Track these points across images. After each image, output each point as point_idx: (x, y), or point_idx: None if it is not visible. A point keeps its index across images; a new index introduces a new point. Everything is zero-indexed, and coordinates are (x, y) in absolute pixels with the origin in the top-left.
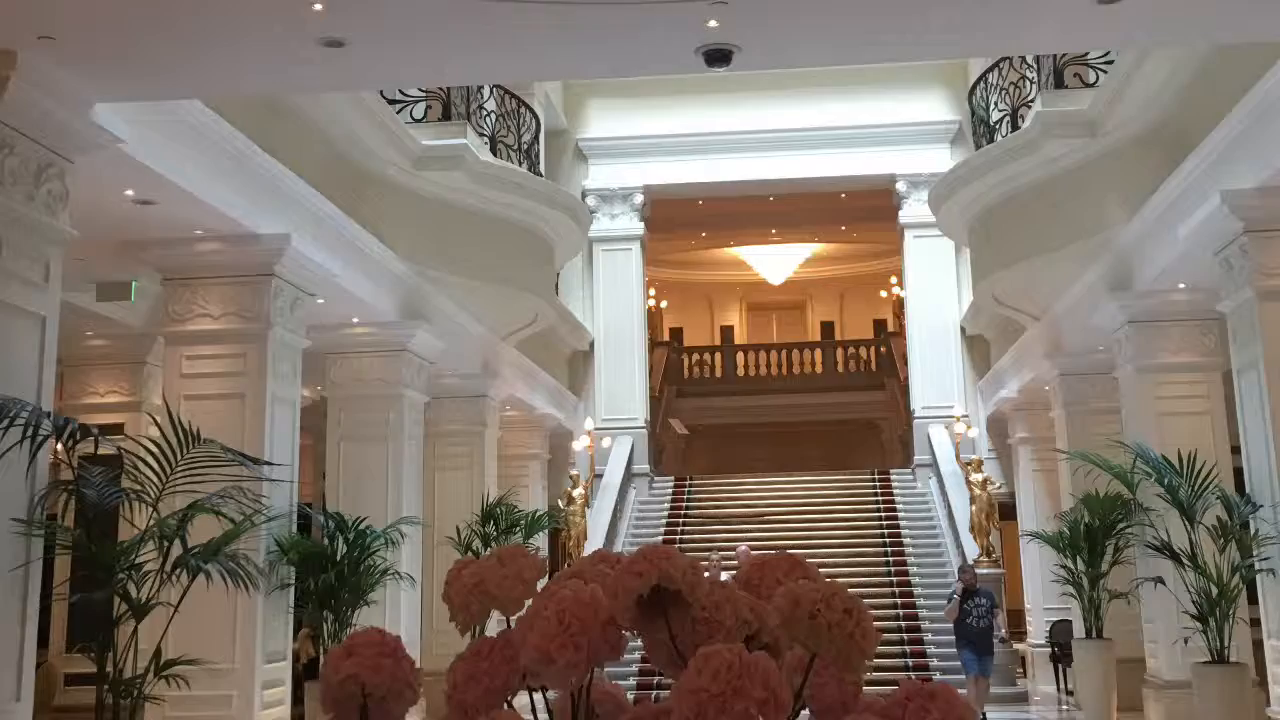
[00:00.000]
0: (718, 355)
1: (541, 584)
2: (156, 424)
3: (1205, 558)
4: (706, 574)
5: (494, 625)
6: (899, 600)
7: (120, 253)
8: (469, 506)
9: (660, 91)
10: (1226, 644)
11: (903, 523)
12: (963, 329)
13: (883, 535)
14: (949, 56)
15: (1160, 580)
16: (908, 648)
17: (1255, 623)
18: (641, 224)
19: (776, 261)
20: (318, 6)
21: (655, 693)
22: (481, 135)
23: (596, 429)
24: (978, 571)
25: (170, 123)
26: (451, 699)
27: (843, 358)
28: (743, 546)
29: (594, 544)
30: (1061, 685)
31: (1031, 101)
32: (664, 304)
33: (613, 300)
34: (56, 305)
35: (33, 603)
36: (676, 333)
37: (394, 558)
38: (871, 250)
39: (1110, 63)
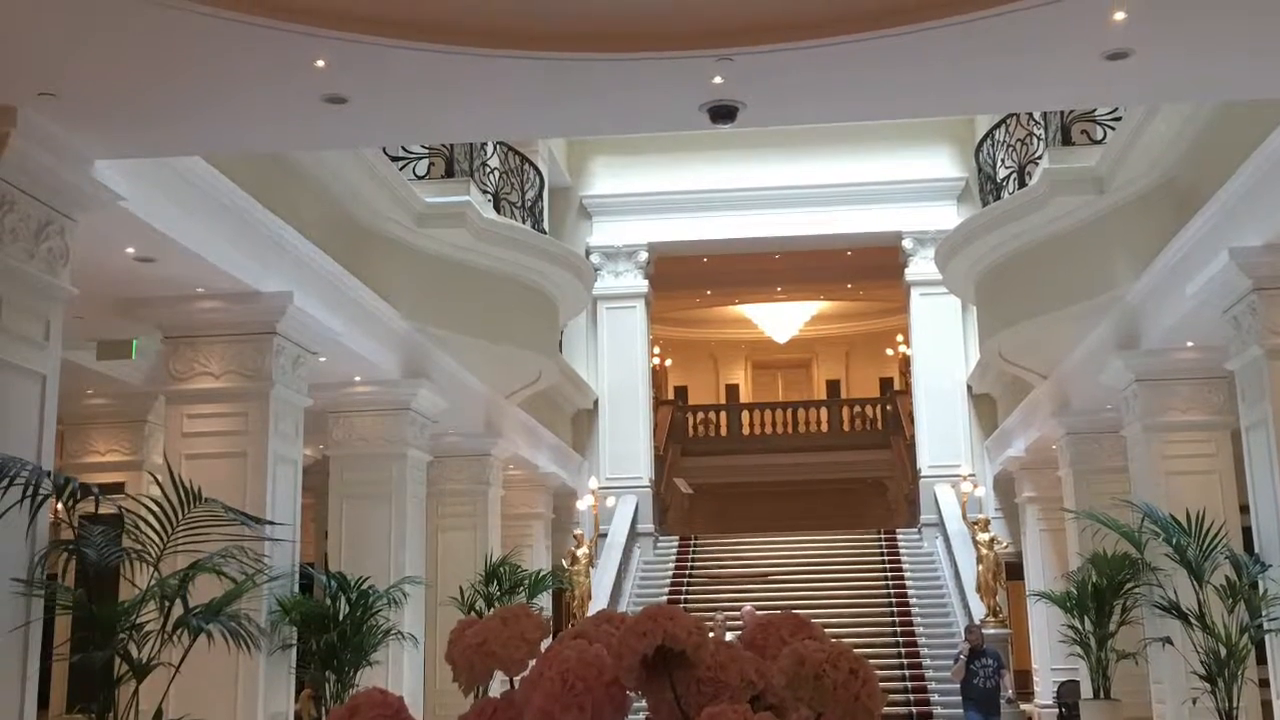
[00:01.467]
0: (722, 414)
1: (545, 644)
2: (158, 483)
3: (1213, 617)
4: (711, 634)
5: (497, 686)
6: (905, 660)
7: (121, 311)
8: (472, 566)
9: (664, 148)
10: (1235, 705)
11: (909, 582)
12: (969, 387)
13: (889, 595)
14: (955, 113)
15: (1168, 640)
16: (914, 709)
17: (1264, 683)
18: (646, 281)
19: (782, 319)
20: (320, 63)
21: None
22: (485, 192)
23: (600, 488)
24: (984, 631)
25: (171, 180)
26: None
27: (848, 416)
28: (748, 606)
29: (598, 604)
30: None
31: (1039, 158)
32: (668, 362)
33: (617, 358)
34: (57, 364)
35: (33, 663)
36: (681, 391)
37: (396, 618)
38: (877, 308)
39: (1118, 119)
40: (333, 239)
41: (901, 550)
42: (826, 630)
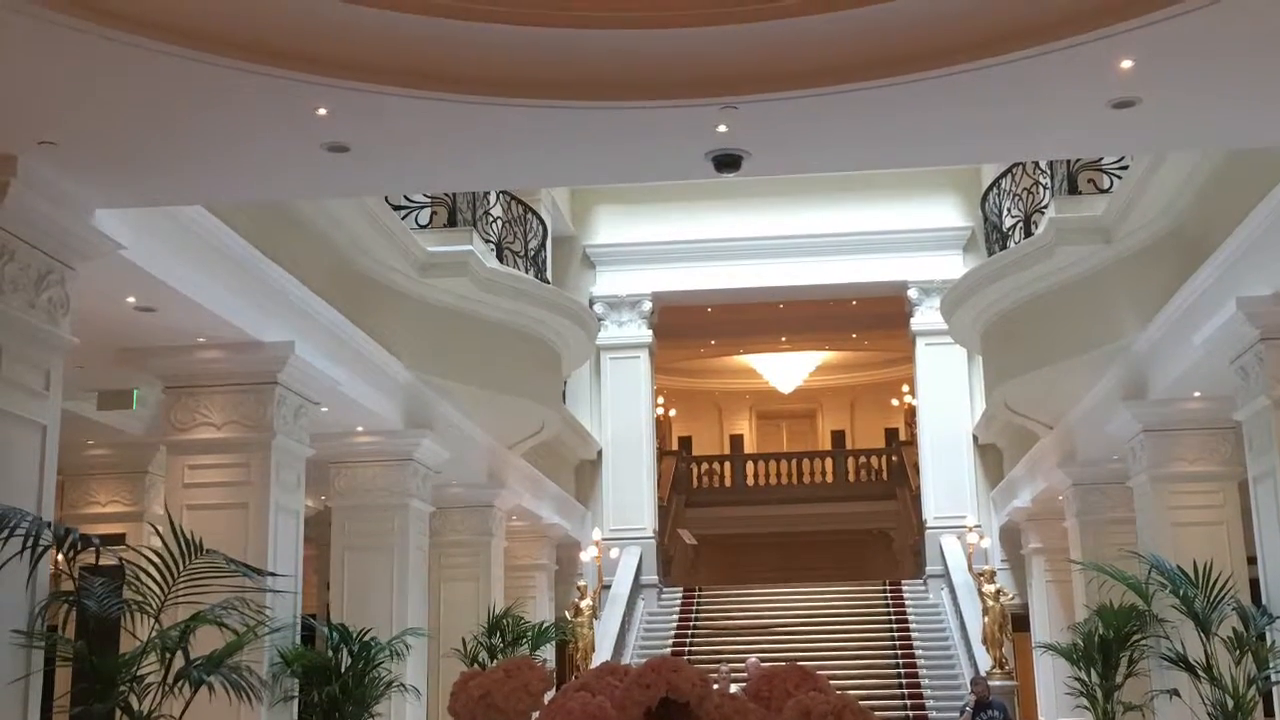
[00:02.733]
0: (727, 465)
1: (548, 696)
2: (158, 534)
3: (1221, 669)
4: (716, 686)
5: None
6: (911, 713)
7: (121, 360)
8: (475, 617)
9: (668, 197)
10: None
11: (914, 634)
12: (975, 438)
13: (894, 647)
14: (961, 162)
15: (1175, 692)
16: None
17: None
18: (649, 331)
19: (786, 369)
20: (321, 111)
21: None
22: (488, 241)
23: (604, 539)
24: (991, 683)
25: (172, 229)
26: None
27: (854, 467)
28: (752, 658)
29: (602, 656)
30: None
31: (1045, 207)
32: (673, 413)
33: (621, 409)
34: (57, 414)
35: (33, 715)
36: (685, 442)
37: (399, 670)
38: (883, 358)
39: (1125, 168)
40: (334, 288)
41: (907, 602)
42: (831, 682)
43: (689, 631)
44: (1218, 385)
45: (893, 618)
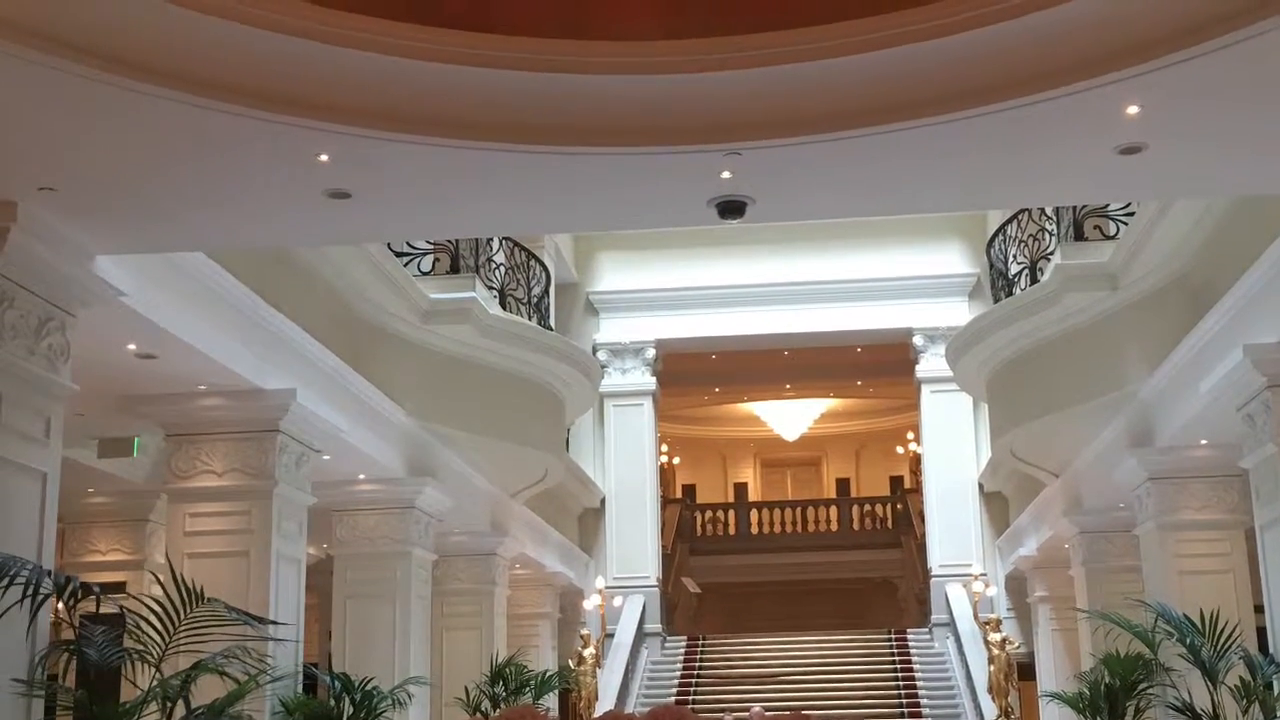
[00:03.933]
0: (731, 512)
1: None
2: (159, 582)
3: (1228, 718)
4: None
5: None
6: None
7: (122, 408)
8: (478, 666)
9: (672, 244)
10: None
11: (919, 683)
12: (981, 486)
13: (899, 696)
14: (967, 208)
15: None
16: None
17: None
18: (653, 379)
19: (791, 417)
20: (323, 157)
21: None
22: (490, 288)
23: (608, 587)
24: None
25: (173, 275)
26: None
27: (858, 515)
28: (757, 708)
29: (605, 705)
30: None
31: (1051, 254)
32: (676, 460)
33: (624, 456)
34: (57, 462)
35: None
36: (689, 489)
37: (401, 718)
38: (888, 405)
39: (1131, 214)
40: (336, 335)
41: (912, 650)
42: None
43: (693, 680)
44: (1224, 433)
45: (898, 666)
